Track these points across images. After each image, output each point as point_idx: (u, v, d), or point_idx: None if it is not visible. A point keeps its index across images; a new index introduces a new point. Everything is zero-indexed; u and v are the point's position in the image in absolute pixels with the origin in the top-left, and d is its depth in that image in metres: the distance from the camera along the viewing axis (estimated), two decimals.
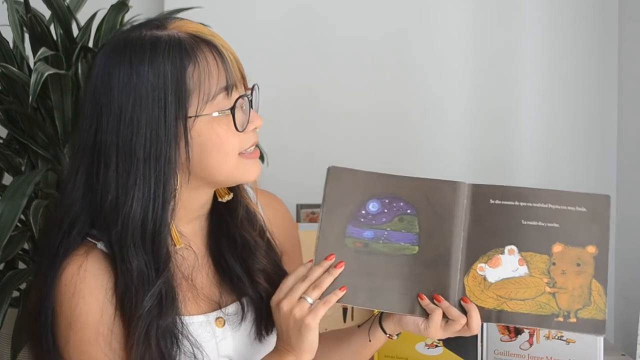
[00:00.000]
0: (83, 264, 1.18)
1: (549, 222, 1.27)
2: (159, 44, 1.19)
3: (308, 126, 2.32)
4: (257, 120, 1.25)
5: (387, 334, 1.33)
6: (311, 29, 2.32)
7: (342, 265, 1.25)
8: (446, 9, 2.31)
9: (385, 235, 1.28)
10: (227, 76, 1.20)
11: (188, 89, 1.18)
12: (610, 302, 2.19)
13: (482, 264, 1.26)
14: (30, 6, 1.92)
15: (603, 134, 2.29)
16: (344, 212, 1.28)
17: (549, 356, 1.55)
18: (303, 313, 1.21)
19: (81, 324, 1.18)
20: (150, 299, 1.17)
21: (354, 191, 1.29)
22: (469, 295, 1.26)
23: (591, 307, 1.25)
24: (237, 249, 1.30)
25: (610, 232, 2.19)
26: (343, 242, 1.27)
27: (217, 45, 1.21)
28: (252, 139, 1.25)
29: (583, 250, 1.26)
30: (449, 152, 2.32)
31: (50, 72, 1.76)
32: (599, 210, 1.28)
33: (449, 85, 2.31)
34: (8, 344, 1.79)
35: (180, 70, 1.17)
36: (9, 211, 1.71)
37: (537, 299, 1.25)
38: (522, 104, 2.30)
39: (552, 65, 2.29)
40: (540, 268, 1.26)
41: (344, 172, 1.30)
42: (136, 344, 1.17)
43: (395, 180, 1.30)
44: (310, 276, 1.24)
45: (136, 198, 1.17)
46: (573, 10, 2.29)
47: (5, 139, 2.04)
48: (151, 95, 1.17)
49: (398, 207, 1.29)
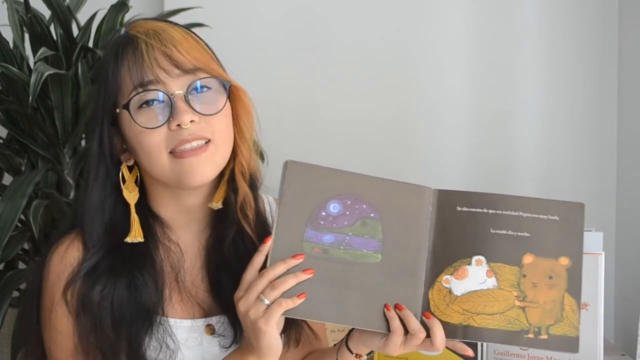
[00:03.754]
0: (69, 246, 1.23)
1: (519, 231, 1.19)
2: (109, 44, 1.27)
3: (308, 128, 2.32)
4: (180, 116, 1.19)
5: (352, 353, 1.25)
6: (311, 31, 2.32)
7: (312, 272, 1.15)
8: (446, 9, 2.30)
9: (346, 241, 1.17)
10: (139, 72, 1.20)
11: (112, 86, 1.22)
12: (610, 302, 2.19)
13: (448, 276, 1.19)
14: (30, 6, 1.92)
15: (603, 134, 2.29)
16: (302, 213, 1.17)
17: (549, 356, 1.54)
18: (257, 316, 1.13)
19: (55, 312, 1.22)
20: (84, 267, 1.21)
21: (314, 190, 1.17)
22: (433, 309, 1.18)
23: (563, 322, 1.19)
24: (231, 269, 1.26)
25: (610, 232, 2.18)
26: (301, 247, 1.16)
27: (139, 42, 1.21)
28: (177, 137, 1.19)
29: (555, 262, 1.20)
30: (448, 153, 2.32)
31: (50, 72, 1.76)
32: (572, 219, 1.21)
33: (449, 87, 2.31)
34: (8, 344, 1.80)
35: (110, 67, 1.22)
36: (9, 211, 1.72)
37: (506, 313, 1.18)
38: (522, 104, 2.30)
39: (552, 66, 2.29)
40: (510, 280, 1.19)
41: (303, 167, 1.18)
42: (75, 312, 1.20)
43: (358, 179, 1.19)
44: (269, 273, 1.14)
45: (89, 187, 1.25)
46: (573, 10, 2.28)
47: (5, 139, 2.04)
48: (96, 91, 1.26)
49: (361, 209, 1.18)
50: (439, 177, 2.22)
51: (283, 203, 1.16)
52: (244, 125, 1.27)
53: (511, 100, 2.30)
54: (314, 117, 2.32)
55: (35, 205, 1.78)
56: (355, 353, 1.25)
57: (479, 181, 2.28)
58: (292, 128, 2.31)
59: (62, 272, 1.22)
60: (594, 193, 2.26)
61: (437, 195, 1.20)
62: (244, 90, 1.28)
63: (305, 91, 2.31)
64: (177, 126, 1.19)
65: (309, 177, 1.17)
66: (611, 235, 2.22)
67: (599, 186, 2.27)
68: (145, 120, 1.20)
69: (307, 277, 1.14)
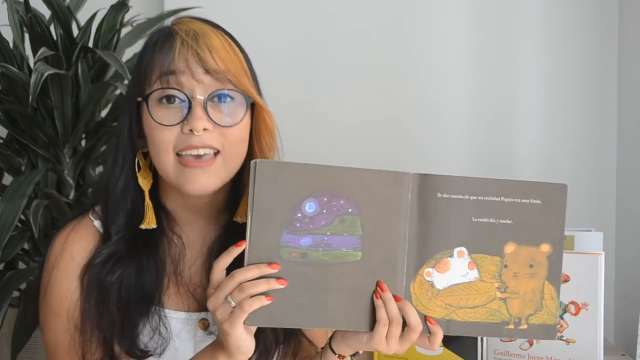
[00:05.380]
0: (75, 228, 1.26)
1: (501, 219, 1.17)
2: (151, 34, 1.27)
3: (308, 128, 2.32)
4: (194, 122, 1.18)
5: (336, 354, 1.23)
6: (311, 30, 2.32)
7: (285, 283, 1.10)
8: (446, 9, 2.31)
9: (325, 242, 1.12)
10: (164, 63, 1.21)
11: (142, 75, 1.23)
12: (610, 302, 2.19)
13: (430, 269, 1.16)
14: (30, 6, 1.92)
15: (603, 134, 2.29)
16: (277, 218, 1.10)
17: (549, 356, 1.54)
18: (223, 317, 1.10)
19: (50, 293, 1.24)
20: (101, 252, 1.24)
21: (287, 190, 1.11)
22: (416, 304, 1.15)
23: (542, 311, 1.19)
24: (232, 269, 1.23)
25: (610, 232, 2.19)
26: (278, 254, 1.10)
27: (176, 38, 1.22)
28: (185, 141, 1.19)
29: (537, 249, 1.18)
30: (448, 153, 2.32)
31: (50, 72, 1.76)
32: (554, 202, 1.18)
33: (449, 87, 2.31)
34: (8, 344, 1.79)
35: (146, 56, 1.24)
36: (9, 211, 1.72)
37: (487, 305, 1.18)
38: (522, 105, 2.30)
39: (552, 66, 2.29)
40: (491, 271, 1.17)
41: (273, 166, 1.11)
42: (87, 290, 1.22)
43: (333, 173, 1.12)
44: (239, 276, 1.09)
45: (108, 169, 1.27)
46: (573, 10, 2.29)
47: (5, 139, 2.04)
48: (132, 77, 1.28)
49: (338, 205, 1.13)
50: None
51: (256, 209, 1.10)
52: (266, 145, 1.28)
53: (511, 101, 2.30)
54: (314, 118, 2.32)
55: (35, 205, 1.78)
56: (339, 354, 1.23)
57: None
58: (291, 128, 2.30)
59: (62, 253, 1.25)
60: (594, 193, 2.26)
61: (417, 180, 1.15)
62: (268, 111, 1.28)
63: (305, 92, 2.31)
64: (190, 131, 1.19)
65: (281, 177, 1.10)
66: (611, 235, 2.22)
67: (599, 186, 2.27)
68: (160, 116, 1.20)
69: (279, 286, 1.10)
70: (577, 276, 1.50)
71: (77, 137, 1.98)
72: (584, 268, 1.49)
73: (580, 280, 1.49)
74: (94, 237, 1.26)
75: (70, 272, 1.24)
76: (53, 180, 1.99)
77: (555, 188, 1.19)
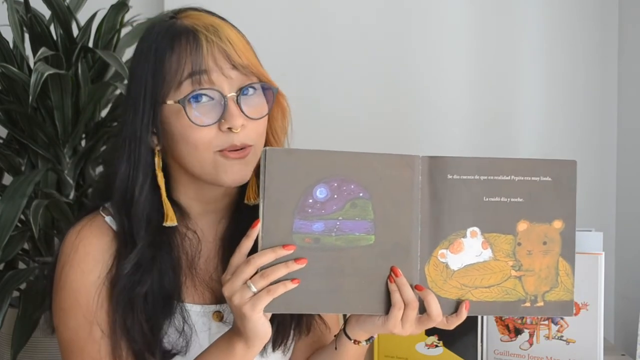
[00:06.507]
0: (87, 225, 1.26)
1: (512, 197, 1.18)
2: (153, 30, 1.24)
3: (308, 126, 2.32)
4: (232, 119, 1.19)
5: (351, 339, 1.24)
6: (311, 29, 2.31)
7: (304, 262, 1.11)
8: (446, 9, 2.31)
9: (337, 226, 1.13)
10: (194, 62, 1.19)
11: (163, 75, 1.20)
12: (610, 302, 2.19)
13: (444, 250, 1.17)
14: (30, 6, 1.92)
15: (603, 134, 2.29)
16: (288, 204, 1.12)
17: (549, 356, 1.54)
18: (242, 301, 1.10)
19: (64, 289, 1.24)
20: (127, 263, 1.22)
21: (298, 176, 1.12)
22: (431, 286, 1.16)
23: (558, 288, 1.19)
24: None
25: (610, 232, 2.19)
26: (291, 240, 1.12)
27: (197, 32, 1.21)
28: (227, 140, 1.20)
29: (549, 226, 1.19)
30: (448, 153, 2.30)
31: (50, 72, 1.76)
32: (565, 178, 1.19)
33: (449, 86, 2.31)
34: (8, 344, 1.80)
35: (161, 54, 1.21)
36: (9, 211, 1.72)
37: (503, 284, 1.18)
38: (522, 104, 2.30)
39: (552, 65, 2.29)
40: (505, 250, 1.18)
41: (283, 154, 1.13)
42: (116, 303, 1.21)
43: (342, 157, 1.14)
44: (256, 260, 1.10)
45: (119, 172, 1.24)
46: (573, 11, 2.28)
47: (5, 139, 2.05)
48: (138, 76, 1.23)
49: (349, 190, 1.13)
50: None
51: (267, 196, 1.11)
52: (279, 128, 1.30)
53: (511, 101, 2.30)
54: (315, 115, 2.32)
55: (35, 205, 1.78)
56: (354, 339, 1.24)
57: None
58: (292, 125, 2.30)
59: (76, 249, 1.24)
60: (594, 193, 2.26)
61: (427, 162, 1.16)
62: (283, 94, 1.30)
63: (306, 90, 2.31)
64: (228, 129, 1.19)
65: (291, 163, 1.12)
66: (611, 235, 2.22)
67: (599, 186, 2.27)
68: (196, 116, 1.19)
69: (299, 267, 1.11)
70: (577, 276, 1.50)
71: (77, 137, 1.98)
72: (583, 268, 1.48)
73: (580, 281, 1.49)
74: (108, 232, 1.25)
75: (85, 268, 1.23)
76: (53, 180, 2.00)
77: (565, 164, 1.19)
